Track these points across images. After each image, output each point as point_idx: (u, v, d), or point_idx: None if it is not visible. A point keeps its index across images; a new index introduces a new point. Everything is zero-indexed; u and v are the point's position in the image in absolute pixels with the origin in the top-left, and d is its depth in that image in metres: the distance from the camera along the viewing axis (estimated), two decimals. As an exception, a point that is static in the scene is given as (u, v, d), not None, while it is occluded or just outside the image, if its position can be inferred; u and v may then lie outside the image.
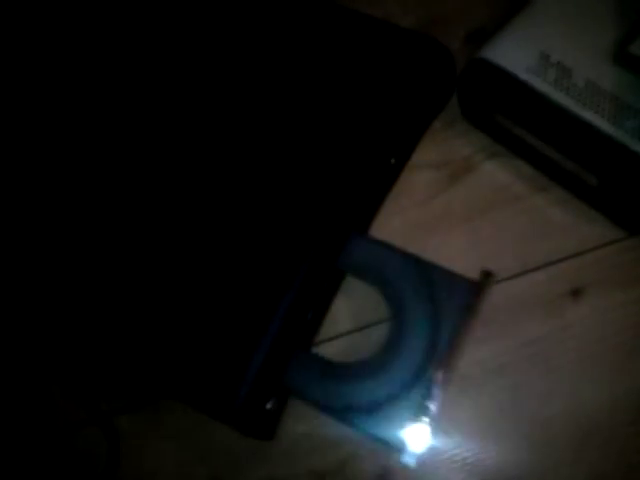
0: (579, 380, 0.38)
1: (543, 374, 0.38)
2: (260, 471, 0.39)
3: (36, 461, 0.41)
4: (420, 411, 0.34)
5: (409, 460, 0.34)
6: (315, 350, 0.39)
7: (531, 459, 0.37)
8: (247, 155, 0.39)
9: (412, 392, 0.35)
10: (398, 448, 0.35)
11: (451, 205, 0.42)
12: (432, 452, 0.35)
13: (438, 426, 0.35)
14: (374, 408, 0.35)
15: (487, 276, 0.37)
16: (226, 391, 0.36)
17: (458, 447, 0.38)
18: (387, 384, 0.35)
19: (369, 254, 0.38)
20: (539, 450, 0.37)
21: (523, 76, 0.37)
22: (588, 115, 0.35)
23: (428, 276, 0.36)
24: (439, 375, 0.35)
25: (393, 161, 0.40)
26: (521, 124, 0.38)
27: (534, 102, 0.36)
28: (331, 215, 0.38)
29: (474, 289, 0.36)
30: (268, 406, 0.36)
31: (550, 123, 0.36)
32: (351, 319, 0.40)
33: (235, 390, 0.35)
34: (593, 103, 0.35)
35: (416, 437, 0.34)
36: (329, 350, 0.39)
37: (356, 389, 0.35)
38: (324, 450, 0.39)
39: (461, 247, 0.41)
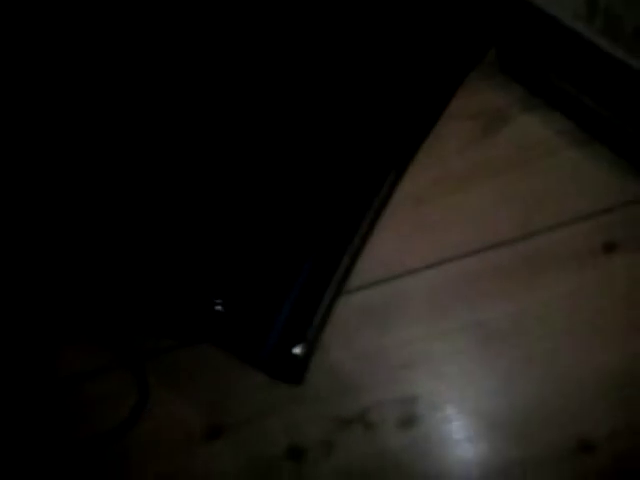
0: (611, 335, 0.37)
1: (575, 327, 0.38)
2: (286, 416, 0.39)
3: (62, 404, 0.41)
4: None
5: None
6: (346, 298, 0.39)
7: (550, 409, 0.37)
8: (288, 105, 0.39)
9: None
10: None
11: (486, 156, 0.41)
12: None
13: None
14: None
15: None
16: (256, 335, 0.35)
17: (477, 396, 0.38)
18: None
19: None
20: (564, 400, 0.37)
21: (569, 22, 0.35)
22: (636, 62, 0.34)
23: None
24: None
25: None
26: (565, 73, 0.37)
27: (581, 49, 0.35)
28: (366, 156, 0.37)
29: None
30: (296, 351, 0.36)
31: (597, 72, 0.35)
32: (382, 269, 0.40)
33: (264, 334, 0.35)
34: (642, 51, 0.34)
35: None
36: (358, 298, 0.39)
37: None
38: (349, 396, 0.39)
39: (495, 198, 0.40)
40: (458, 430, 0.38)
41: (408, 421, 0.38)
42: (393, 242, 0.40)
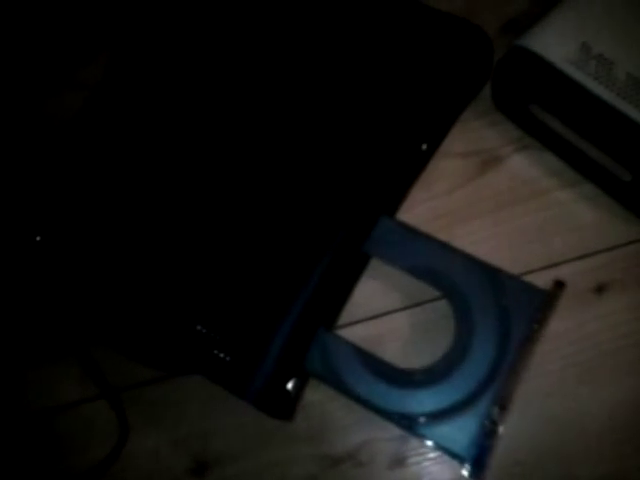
0: (602, 378, 0.37)
1: (567, 369, 0.38)
2: (273, 453, 0.38)
3: (44, 434, 0.40)
4: (487, 424, 0.33)
5: (475, 475, 0.33)
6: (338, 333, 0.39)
7: (541, 450, 0.37)
8: (283, 136, 0.39)
9: (478, 403, 0.33)
10: (463, 459, 0.33)
11: (478, 195, 0.41)
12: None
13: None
14: (438, 417, 0.33)
15: (559, 287, 0.36)
16: (248, 369, 0.35)
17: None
18: (452, 393, 0.34)
19: (417, 246, 0.37)
20: (556, 441, 0.37)
21: (562, 66, 0.36)
22: (627, 109, 0.35)
23: (498, 283, 0.35)
24: (507, 388, 0.33)
25: (424, 147, 0.40)
26: (557, 115, 0.37)
27: (572, 93, 0.36)
28: (360, 197, 0.38)
29: (546, 300, 0.35)
30: (289, 386, 0.36)
31: (588, 115, 0.36)
32: (372, 304, 0.40)
33: (257, 368, 0.35)
34: (633, 97, 0.35)
35: (482, 450, 0.33)
36: (348, 334, 0.39)
37: (419, 396, 0.34)
38: (338, 434, 0.38)
39: (486, 237, 0.40)
40: (449, 470, 0.37)
41: (399, 461, 0.37)
42: (382, 280, 0.40)
